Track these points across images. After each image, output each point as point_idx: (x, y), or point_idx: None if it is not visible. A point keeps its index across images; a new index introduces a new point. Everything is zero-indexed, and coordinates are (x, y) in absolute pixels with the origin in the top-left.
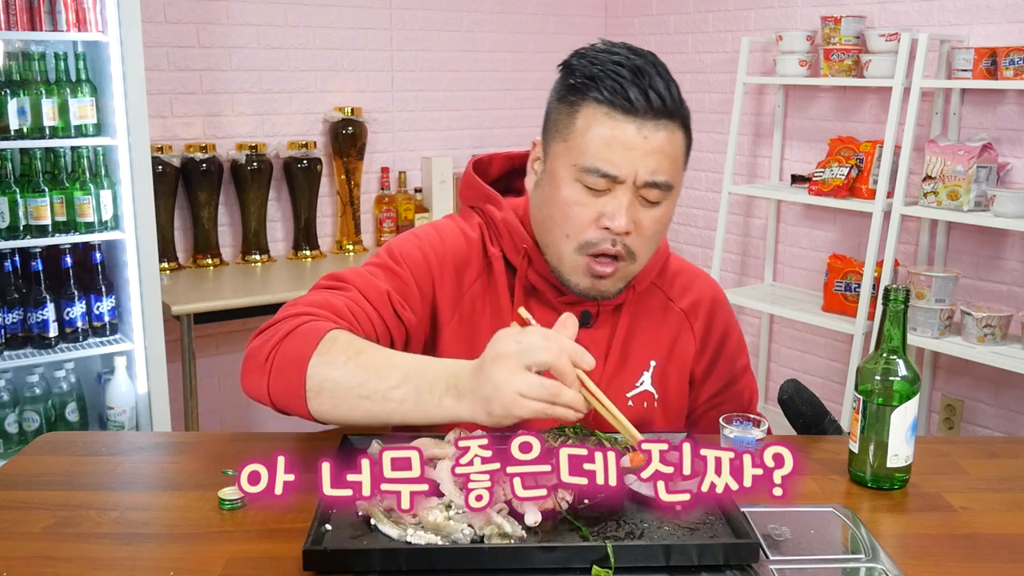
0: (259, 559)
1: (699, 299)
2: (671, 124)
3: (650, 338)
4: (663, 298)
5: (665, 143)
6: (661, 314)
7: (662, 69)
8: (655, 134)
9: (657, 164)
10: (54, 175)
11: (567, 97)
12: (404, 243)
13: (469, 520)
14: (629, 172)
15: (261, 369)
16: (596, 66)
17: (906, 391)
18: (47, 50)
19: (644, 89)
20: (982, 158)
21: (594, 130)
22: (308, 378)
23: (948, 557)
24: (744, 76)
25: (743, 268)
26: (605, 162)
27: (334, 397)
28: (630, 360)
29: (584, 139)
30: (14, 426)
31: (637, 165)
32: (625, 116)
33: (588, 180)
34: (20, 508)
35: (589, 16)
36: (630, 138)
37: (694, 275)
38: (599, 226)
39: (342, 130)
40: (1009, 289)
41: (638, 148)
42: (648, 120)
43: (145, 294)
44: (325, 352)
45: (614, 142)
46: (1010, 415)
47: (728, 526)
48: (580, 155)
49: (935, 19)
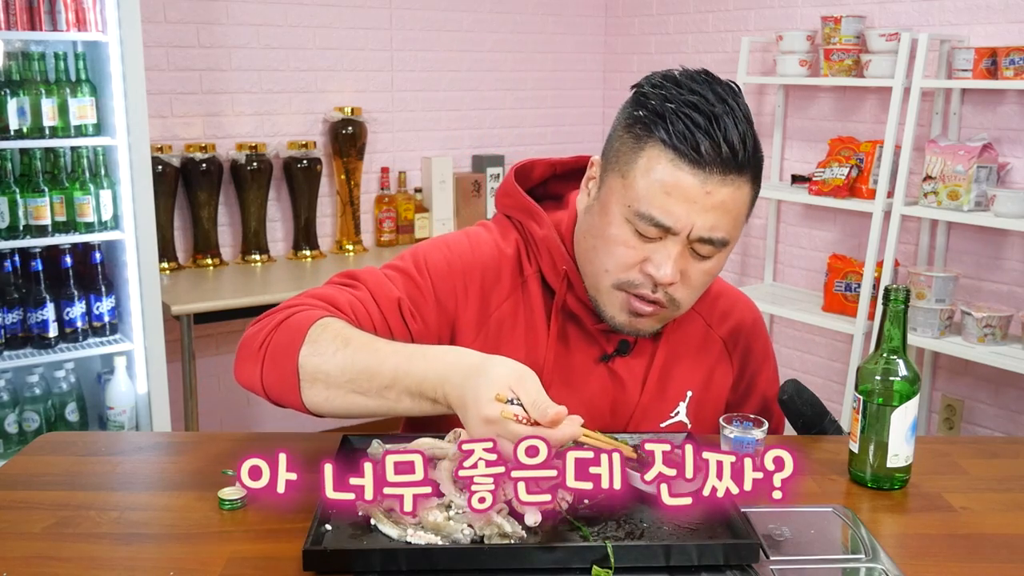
0: (259, 559)
1: (739, 326)
2: (739, 179)
3: (688, 368)
4: (703, 325)
5: (728, 199)
6: (701, 343)
7: (740, 114)
8: (720, 190)
9: (716, 220)
10: (54, 175)
11: (633, 128)
12: (432, 252)
13: (469, 520)
14: (685, 225)
15: (254, 358)
16: (669, 103)
17: (906, 391)
18: (47, 50)
19: (717, 141)
20: (982, 158)
21: (655, 174)
22: (300, 368)
23: (948, 557)
24: (744, 76)
25: (743, 268)
26: (662, 211)
27: (328, 389)
28: (667, 390)
29: (644, 182)
30: (14, 426)
31: (695, 219)
32: (691, 167)
33: (640, 226)
34: (20, 508)
35: (589, 16)
36: (692, 191)
37: (734, 299)
38: (642, 271)
39: (342, 130)
40: (1009, 289)
41: (699, 202)
42: (715, 174)
43: (145, 294)
44: (314, 341)
45: (675, 192)
46: (1010, 415)
47: (728, 526)
48: (636, 199)
49: (935, 19)
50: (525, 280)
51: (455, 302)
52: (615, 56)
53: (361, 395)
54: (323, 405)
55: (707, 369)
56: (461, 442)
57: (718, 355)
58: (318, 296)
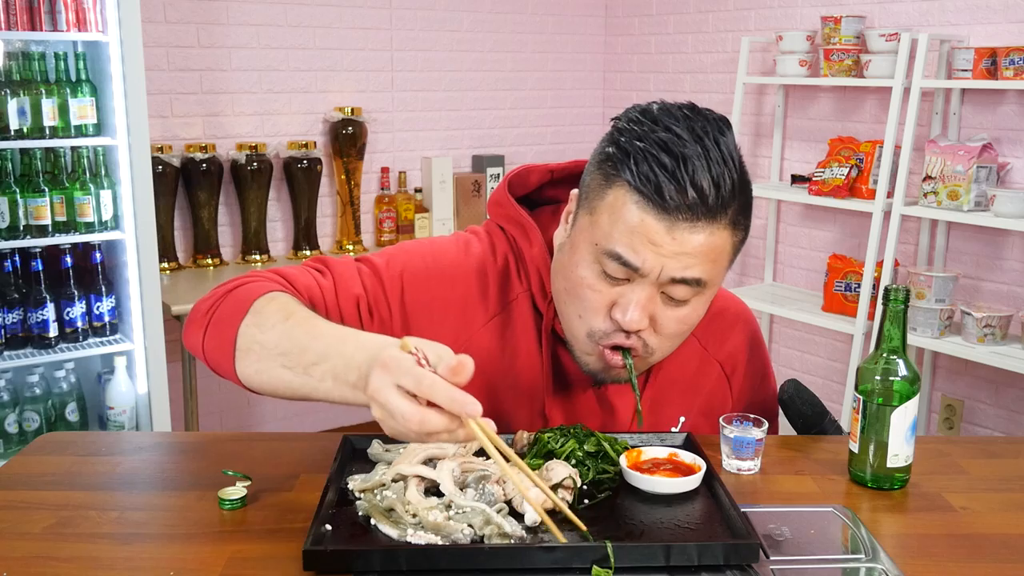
0: (259, 559)
1: (737, 349)
2: (712, 225)
3: (681, 394)
4: (698, 348)
5: (700, 247)
6: (696, 368)
7: (717, 154)
8: (689, 237)
9: (688, 263)
10: (54, 175)
11: (604, 165)
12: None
13: (469, 520)
14: (653, 267)
15: (199, 323)
16: (639, 142)
17: (906, 391)
18: (47, 50)
19: (683, 186)
20: (982, 158)
21: (621, 214)
22: (239, 336)
23: (948, 557)
24: (744, 76)
25: (743, 268)
26: (628, 249)
27: (260, 361)
28: (660, 417)
29: (609, 220)
30: (14, 426)
31: (664, 262)
32: (657, 212)
33: (607, 265)
34: (20, 508)
35: (589, 16)
36: (657, 236)
37: (733, 318)
38: (611, 316)
39: (342, 130)
40: (1009, 289)
41: (666, 247)
42: (682, 221)
43: (145, 294)
44: (258, 312)
45: (637, 233)
46: (1010, 415)
47: (728, 526)
48: (603, 237)
49: (935, 19)
50: (514, 299)
51: (428, 315)
52: (615, 56)
53: (289, 370)
54: (253, 377)
55: (704, 396)
56: None
57: (715, 380)
58: (278, 273)
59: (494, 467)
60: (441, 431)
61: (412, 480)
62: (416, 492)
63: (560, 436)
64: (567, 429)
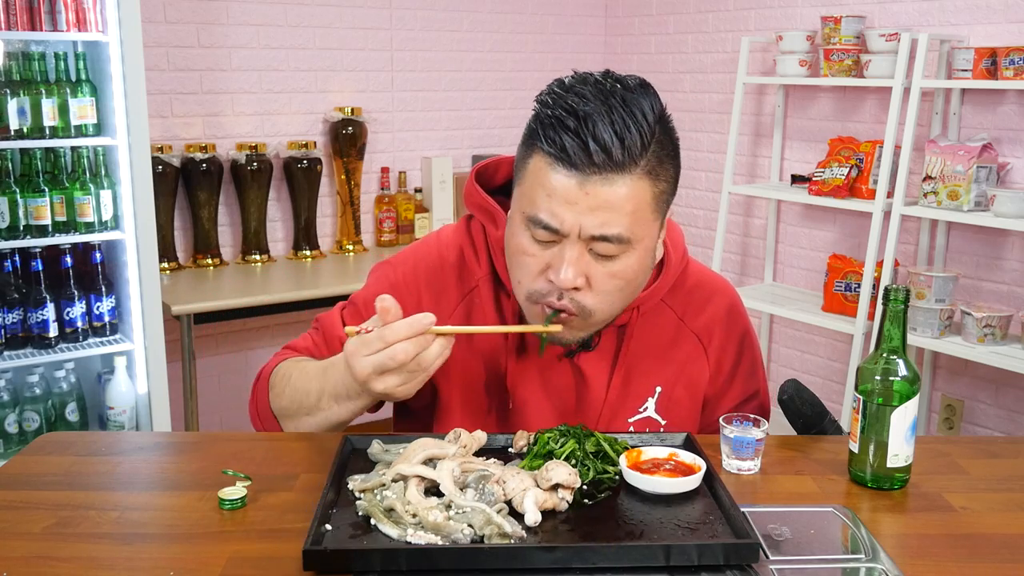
0: (259, 559)
1: (714, 318)
2: (624, 177)
3: (656, 363)
4: (674, 319)
5: (614, 198)
6: (671, 337)
7: (622, 111)
8: (601, 190)
9: (605, 218)
10: (54, 175)
11: (525, 140)
12: (379, 281)
13: (469, 520)
14: (572, 226)
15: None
16: (548, 109)
17: (906, 391)
18: (47, 50)
19: (584, 141)
20: (982, 158)
21: (538, 179)
22: (274, 413)
23: (948, 557)
24: (744, 76)
25: (743, 268)
26: (547, 213)
27: (292, 419)
28: (632, 386)
29: (530, 187)
30: (14, 426)
31: (581, 220)
32: (567, 170)
33: (534, 231)
34: (20, 508)
35: (589, 16)
36: (570, 193)
37: (711, 291)
38: (547, 278)
39: (342, 130)
40: (1009, 289)
41: (580, 203)
42: (592, 175)
43: (145, 294)
44: (273, 386)
45: (555, 194)
46: (1010, 415)
47: (728, 526)
48: (528, 204)
49: (935, 19)
50: (475, 286)
51: None
52: (615, 56)
53: (309, 415)
54: (300, 428)
55: (679, 363)
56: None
57: (691, 350)
58: (287, 347)
59: (494, 467)
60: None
61: (412, 480)
62: (416, 492)
63: (560, 436)
64: (567, 429)
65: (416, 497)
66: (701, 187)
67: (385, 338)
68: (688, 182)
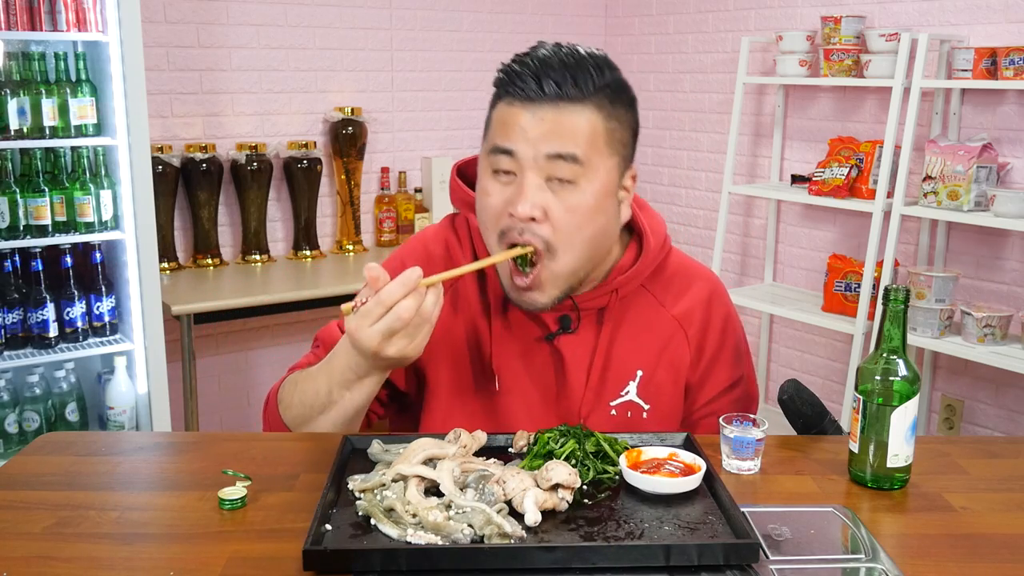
0: (259, 559)
1: (694, 304)
2: (575, 106)
3: (637, 346)
4: (654, 303)
5: (567, 122)
6: (651, 322)
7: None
8: (553, 116)
9: (560, 139)
10: (54, 175)
11: (491, 101)
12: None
13: (469, 520)
14: (527, 147)
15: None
16: (508, 66)
17: (906, 391)
18: (47, 50)
19: (537, 75)
20: (982, 158)
21: (497, 117)
22: (287, 424)
23: (948, 557)
24: (744, 76)
25: (743, 268)
26: (503, 138)
27: (307, 423)
28: (613, 368)
29: (492, 131)
30: (14, 426)
31: (537, 142)
32: (522, 103)
33: (494, 162)
34: (20, 508)
35: (589, 16)
36: (525, 121)
37: (691, 277)
38: (510, 214)
39: (342, 130)
40: (1009, 289)
41: (535, 128)
42: (544, 104)
43: (145, 294)
44: (280, 400)
45: (511, 123)
46: (1010, 415)
47: (728, 526)
48: (489, 141)
49: (935, 19)
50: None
51: None
52: (615, 56)
53: (323, 414)
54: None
55: (659, 347)
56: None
57: (671, 334)
58: (291, 368)
59: (494, 467)
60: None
61: (412, 480)
62: (416, 492)
63: (560, 436)
64: (567, 429)
65: (416, 497)
66: (701, 187)
67: (383, 302)
68: (688, 182)
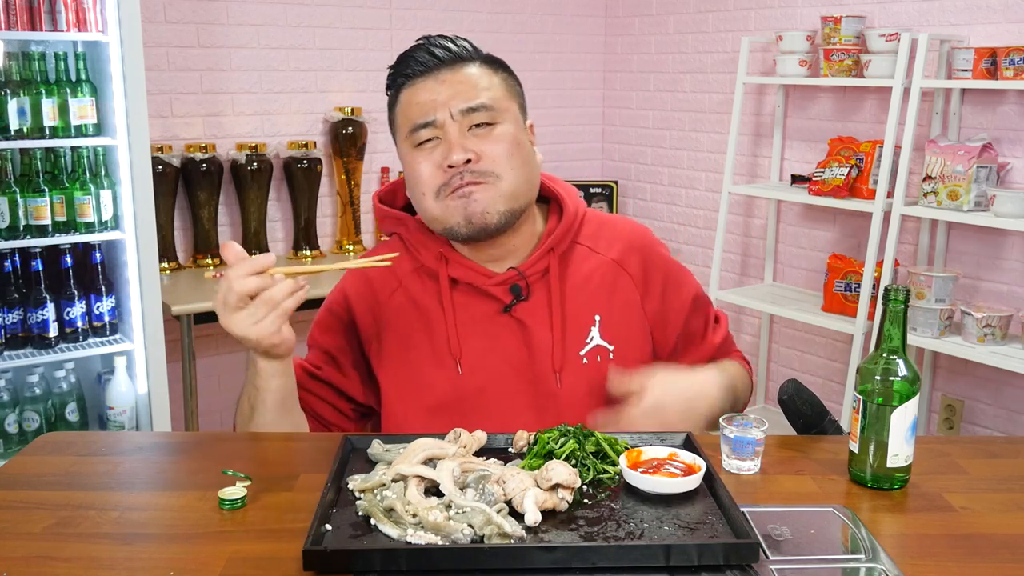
0: (259, 559)
1: (628, 245)
2: (470, 66)
3: (587, 294)
4: (590, 254)
5: (467, 78)
6: (592, 270)
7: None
8: (452, 76)
9: (467, 94)
10: (54, 175)
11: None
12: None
13: (469, 520)
14: (443, 112)
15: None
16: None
17: (906, 391)
18: (47, 50)
19: (428, 49)
20: (982, 158)
21: (402, 103)
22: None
23: (948, 557)
24: (744, 76)
25: (743, 268)
26: (420, 114)
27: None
28: (571, 320)
29: (402, 112)
30: (14, 426)
31: (448, 102)
32: (422, 77)
33: (415, 139)
34: (20, 508)
35: (589, 16)
36: (429, 87)
37: (616, 224)
38: (444, 171)
39: (342, 130)
40: (1009, 289)
41: (439, 91)
42: (443, 70)
43: (145, 294)
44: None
45: (418, 96)
46: (1010, 415)
47: (728, 526)
48: (404, 125)
49: (935, 19)
50: (399, 283)
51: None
52: (615, 56)
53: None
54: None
55: (607, 291)
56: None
57: (614, 275)
58: None
59: (494, 467)
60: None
61: (412, 480)
62: (416, 492)
63: (560, 436)
64: (567, 429)
65: (416, 497)
66: (701, 187)
67: (228, 277)
68: (688, 182)
